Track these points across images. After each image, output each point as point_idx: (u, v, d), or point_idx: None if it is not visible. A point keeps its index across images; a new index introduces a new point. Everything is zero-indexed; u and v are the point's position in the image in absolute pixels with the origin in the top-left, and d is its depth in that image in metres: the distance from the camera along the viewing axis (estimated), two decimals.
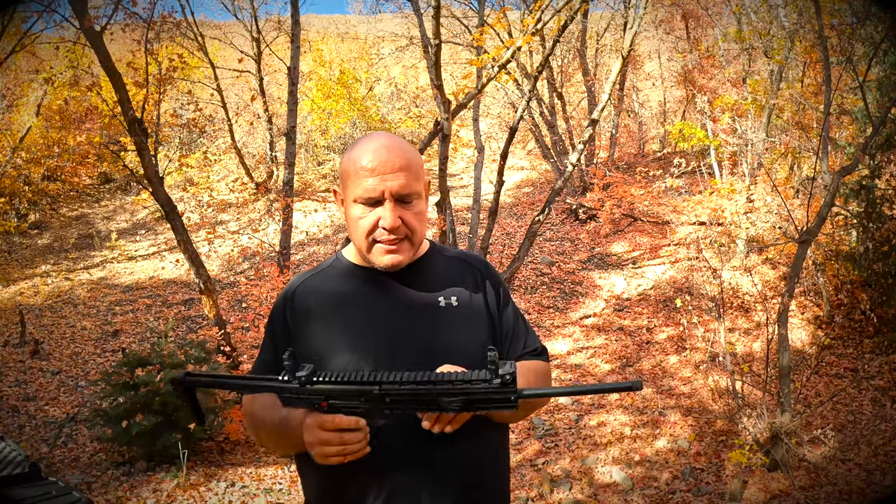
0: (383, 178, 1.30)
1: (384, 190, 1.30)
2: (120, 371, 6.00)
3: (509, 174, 14.11)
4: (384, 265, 1.35)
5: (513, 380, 1.09)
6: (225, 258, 11.62)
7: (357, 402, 1.16)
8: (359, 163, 1.32)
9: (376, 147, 1.32)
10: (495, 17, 9.19)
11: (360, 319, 1.36)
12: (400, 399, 1.15)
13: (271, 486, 5.63)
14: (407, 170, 1.31)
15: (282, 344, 1.40)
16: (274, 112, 14.46)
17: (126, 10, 8.17)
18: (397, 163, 1.31)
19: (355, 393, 1.16)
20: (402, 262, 1.35)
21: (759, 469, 5.51)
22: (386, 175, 1.30)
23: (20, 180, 13.13)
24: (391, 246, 1.33)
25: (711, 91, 11.04)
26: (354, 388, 1.16)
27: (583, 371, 8.02)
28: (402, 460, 1.28)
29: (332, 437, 1.18)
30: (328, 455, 1.19)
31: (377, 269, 1.38)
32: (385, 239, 1.32)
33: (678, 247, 10.56)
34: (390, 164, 1.30)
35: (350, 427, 1.17)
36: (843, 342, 7.72)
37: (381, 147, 1.32)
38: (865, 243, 7.71)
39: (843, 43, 7.69)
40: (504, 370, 1.09)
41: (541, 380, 1.43)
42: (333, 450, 1.18)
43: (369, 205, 1.32)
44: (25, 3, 7.84)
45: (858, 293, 7.92)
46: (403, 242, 1.34)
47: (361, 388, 1.15)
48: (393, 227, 1.30)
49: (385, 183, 1.30)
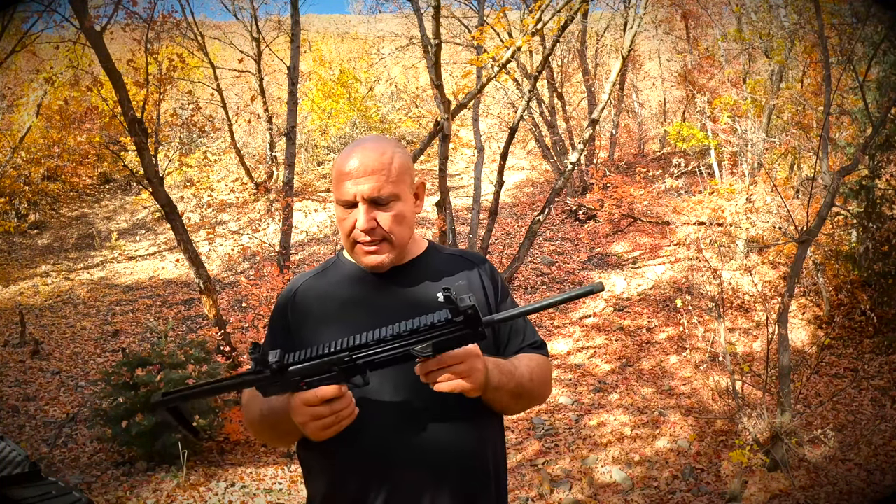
0: (356, 181, 1.34)
1: (356, 193, 1.34)
2: (120, 371, 6.00)
3: (509, 174, 14.11)
4: (367, 266, 1.39)
5: (475, 311, 1.11)
6: (225, 258, 11.62)
7: (333, 372, 1.18)
8: (339, 167, 1.37)
9: (355, 151, 1.37)
10: (495, 17, 9.19)
11: (362, 319, 1.37)
12: (373, 359, 1.17)
13: (271, 486, 5.63)
14: (380, 172, 1.34)
15: (283, 343, 1.41)
16: (274, 112, 14.46)
17: (126, 9, 8.17)
18: (370, 166, 1.34)
19: (328, 365, 1.18)
20: (384, 262, 1.38)
21: (759, 469, 5.51)
22: (359, 179, 1.34)
23: (20, 180, 13.12)
24: (370, 247, 1.36)
25: (711, 91, 11.04)
26: (327, 361, 1.17)
27: (583, 371, 8.03)
28: (404, 454, 1.29)
29: (322, 410, 1.19)
30: (324, 427, 1.21)
31: None
32: (363, 241, 1.36)
33: (678, 247, 10.55)
34: (363, 168, 1.34)
35: (335, 395, 1.19)
36: (843, 342, 7.72)
37: (359, 151, 1.37)
38: (865, 243, 7.71)
39: (843, 43, 7.69)
40: (464, 305, 1.11)
41: (541, 371, 1.43)
42: (326, 421, 1.20)
43: (346, 207, 1.36)
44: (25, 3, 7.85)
45: (858, 293, 7.91)
46: (383, 244, 1.37)
47: (333, 358, 1.17)
48: (365, 228, 1.34)
49: (357, 186, 1.34)
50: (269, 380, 1.19)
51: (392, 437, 1.29)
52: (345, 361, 1.17)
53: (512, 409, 1.41)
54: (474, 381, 1.21)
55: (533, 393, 1.41)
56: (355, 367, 1.18)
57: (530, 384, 1.39)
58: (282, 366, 1.18)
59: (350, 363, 1.17)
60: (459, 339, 1.14)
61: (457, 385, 1.20)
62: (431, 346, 1.14)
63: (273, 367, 1.17)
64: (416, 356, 1.16)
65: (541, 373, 1.43)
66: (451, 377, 1.19)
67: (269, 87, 15.17)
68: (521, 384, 1.36)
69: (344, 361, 1.17)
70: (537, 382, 1.41)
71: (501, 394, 1.32)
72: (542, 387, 1.44)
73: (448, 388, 1.20)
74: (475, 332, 1.13)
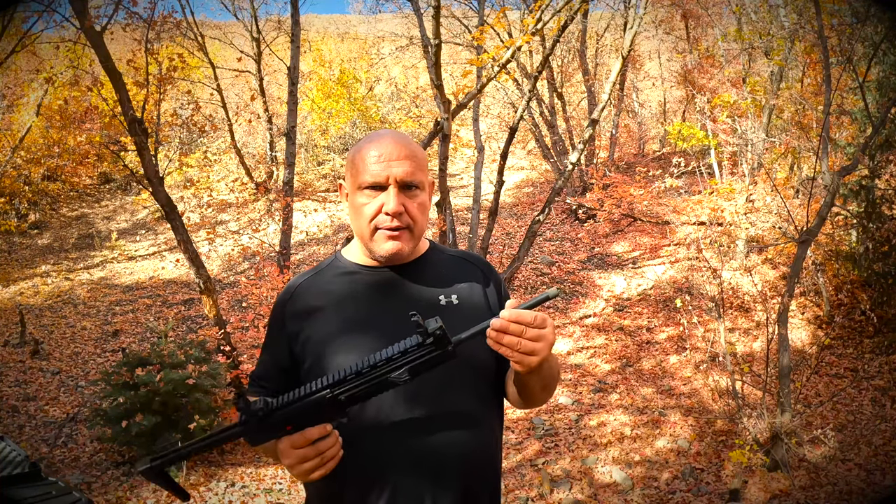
0: (389, 164, 1.34)
1: (389, 175, 1.34)
2: (120, 371, 6.00)
3: (509, 174, 14.12)
4: (385, 252, 1.37)
5: (443, 332, 1.13)
6: (225, 258, 11.62)
7: (316, 412, 1.18)
8: (366, 151, 1.37)
9: (383, 136, 1.38)
10: (495, 17, 9.18)
11: (361, 318, 1.37)
12: (354, 393, 1.18)
13: (271, 486, 5.64)
14: (412, 158, 1.36)
15: (282, 345, 1.41)
16: (274, 112, 14.47)
17: (126, 9, 8.15)
18: (403, 151, 1.35)
19: (312, 406, 1.18)
20: (403, 250, 1.37)
21: (759, 469, 5.51)
22: (392, 161, 1.34)
23: (20, 180, 13.13)
24: (393, 232, 1.35)
25: (711, 91, 11.03)
26: (310, 402, 1.18)
27: (583, 371, 8.02)
28: (403, 459, 1.29)
29: (308, 452, 1.19)
30: (310, 470, 1.20)
31: (377, 261, 1.40)
32: (387, 225, 1.35)
33: (678, 247, 10.56)
34: (396, 152, 1.35)
35: (321, 435, 1.19)
36: (843, 342, 7.72)
37: (388, 137, 1.38)
38: (865, 243, 7.71)
39: (843, 43, 7.68)
40: (432, 327, 1.13)
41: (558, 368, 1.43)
42: (313, 463, 1.20)
43: (374, 190, 1.35)
44: (25, 3, 7.84)
45: (858, 293, 7.92)
46: (404, 231, 1.36)
47: (316, 398, 1.18)
48: (396, 211, 1.33)
49: (390, 169, 1.34)
50: (257, 428, 1.19)
51: (392, 439, 1.29)
52: (327, 399, 1.17)
53: (535, 399, 1.40)
54: (551, 339, 1.18)
55: (552, 387, 1.40)
56: (338, 404, 1.18)
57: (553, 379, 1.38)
58: (266, 412, 1.18)
59: (332, 400, 1.18)
60: (432, 361, 1.16)
61: (541, 346, 1.16)
62: (407, 371, 1.16)
63: (259, 414, 1.17)
64: (394, 383, 1.17)
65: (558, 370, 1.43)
66: (530, 342, 1.15)
67: (269, 87, 15.17)
68: (553, 375, 1.35)
69: (326, 399, 1.17)
70: (556, 379, 1.41)
71: (542, 378, 1.30)
72: (555, 383, 1.44)
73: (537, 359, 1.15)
74: (445, 352, 1.16)
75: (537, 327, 1.15)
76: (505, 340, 1.15)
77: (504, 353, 1.16)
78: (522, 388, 1.34)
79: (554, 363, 1.32)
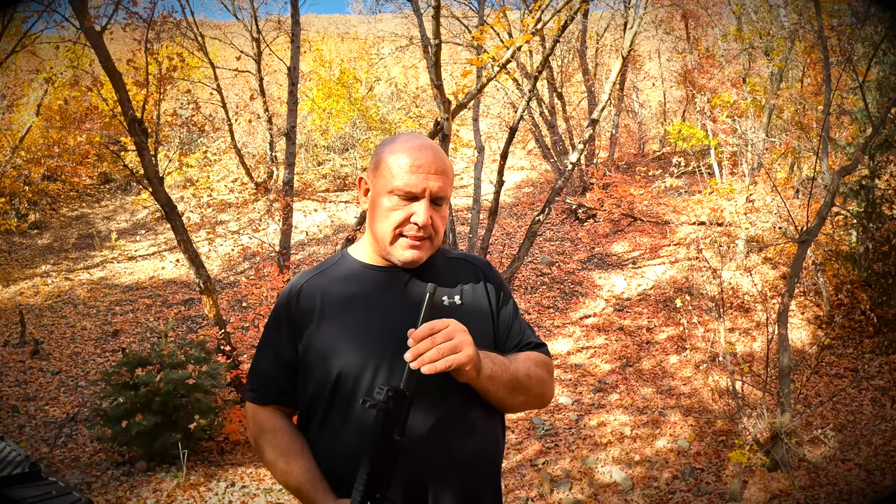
0: (427, 176, 1.35)
1: (425, 188, 1.35)
2: (120, 371, 6.00)
3: (509, 174, 14.12)
4: (404, 259, 1.38)
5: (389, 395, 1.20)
6: (225, 258, 11.62)
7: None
8: (404, 157, 1.36)
9: (422, 146, 1.38)
10: (495, 17, 9.18)
11: (366, 319, 1.37)
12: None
13: (271, 486, 5.63)
14: (447, 174, 1.39)
15: (286, 343, 1.41)
16: (274, 112, 14.46)
17: (126, 9, 8.14)
18: (441, 166, 1.37)
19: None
20: (421, 257, 1.39)
21: (759, 469, 5.51)
22: (430, 175, 1.35)
23: (20, 180, 13.13)
24: (415, 242, 1.37)
25: (711, 91, 11.03)
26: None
27: (583, 371, 8.02)
28: (406, 460, 1.29)
29: None
30: None
31: (391, 264, 1.41)
32: (412, 234, 1.37)
33: (678, 247, 10.56)
34: (435, 166, 1.36)
35: None
36: (843, 342, 7.71)
37: (427, 147, 1.38)
38: (865, 243, 7.70)
39: (843, 43, 7.69)
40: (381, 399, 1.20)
41: (539, 368, 1.44)
42: None
43: (406, 199, 1.36)
44: (25, 3, 7.84)
45: (858, 293, 7.91)
46: (426, 241, 1.38)
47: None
48: (425, 224, 1.35)
49: (427, 182, 1.35)
50: None
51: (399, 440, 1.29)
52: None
53: (509, 404, 1.40)
54: (466, 355, 1.22)
55: (531, 389, 1.40)
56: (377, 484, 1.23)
57: (527, 379, 1.38)
58: None
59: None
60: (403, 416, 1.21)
61: (449, 361, 1.20)
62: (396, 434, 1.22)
63: None
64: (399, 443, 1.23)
65: (539, 370, 1.43)
66: (439, 354, 1.20)
67: (269, 87, 15.17)
68: (517, 378, 1.36)
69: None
70: (535, 379, 1.41)
71: (496, 384, 1.32)
72: (540, 384, 1.43)
73: (442, 366, 1.19)
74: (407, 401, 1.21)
75: (446, 334, 1.21)
76: (421, 350, 1.20)
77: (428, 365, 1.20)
78: (485, 395, 1.35)
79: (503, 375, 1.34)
